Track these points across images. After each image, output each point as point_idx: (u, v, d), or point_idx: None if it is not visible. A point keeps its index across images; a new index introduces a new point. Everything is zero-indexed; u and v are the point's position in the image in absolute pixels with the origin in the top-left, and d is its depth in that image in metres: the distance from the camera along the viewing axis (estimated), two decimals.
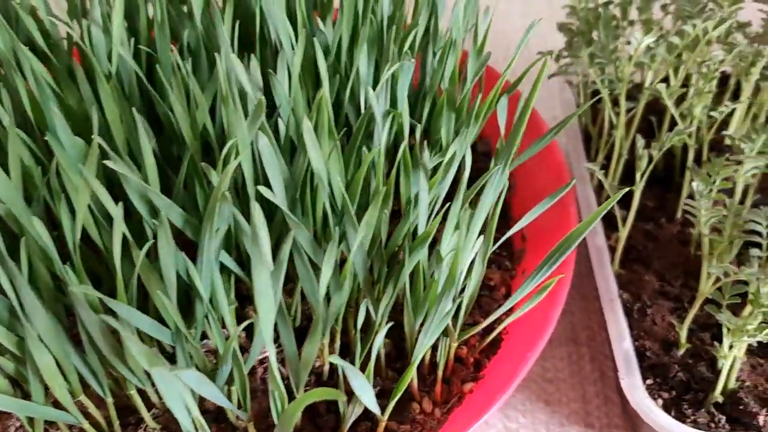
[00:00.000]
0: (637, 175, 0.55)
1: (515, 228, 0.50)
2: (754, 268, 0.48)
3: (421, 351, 0.43)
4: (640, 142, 0.55)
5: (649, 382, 0.52)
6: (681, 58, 0.59)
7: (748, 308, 0.48)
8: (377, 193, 0.42)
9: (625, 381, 0.51)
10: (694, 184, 0.52)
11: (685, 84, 0.63)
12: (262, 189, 0.40)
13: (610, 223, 0.61)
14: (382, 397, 0.48)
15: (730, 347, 0.48)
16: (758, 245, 0.50)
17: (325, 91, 0.41)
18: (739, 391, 0.51)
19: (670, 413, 0.50)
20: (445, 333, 0.48)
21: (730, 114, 0.63)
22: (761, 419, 0.49)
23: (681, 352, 0.54)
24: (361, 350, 0.46)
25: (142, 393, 0.47)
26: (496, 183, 0.45)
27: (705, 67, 0.56)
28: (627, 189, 0.49)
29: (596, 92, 0.73)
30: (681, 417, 0.50)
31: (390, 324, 0.43)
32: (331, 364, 0.49)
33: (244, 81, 0.41)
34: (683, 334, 0.53)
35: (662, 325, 0.56)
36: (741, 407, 0.50)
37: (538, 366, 0.64)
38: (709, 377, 0.52)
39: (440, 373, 0.48)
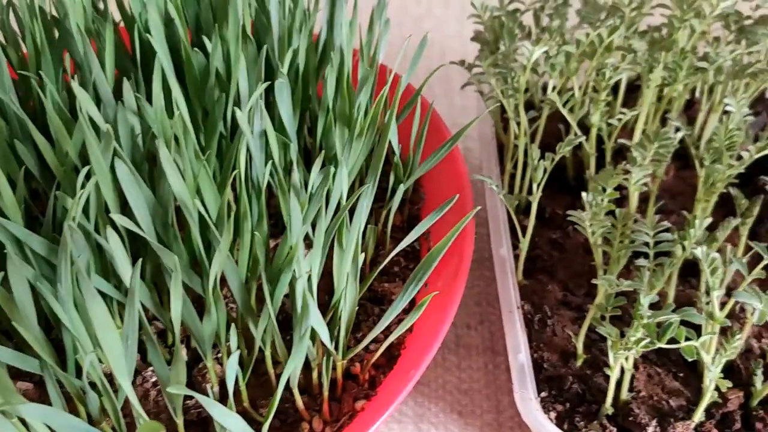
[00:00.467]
0: (534, 186, 0.55)
1: (403, 244, 0.50)
2: (642, 279, 0.48)
3: (286, 373, 0.42)
4: (536, 153, 0.55)
5: (544, 394, 0.52)
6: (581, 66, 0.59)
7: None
8: (244, 216, 0.42)
9: (518, 394, 0.51)
10: (584, 195, 0.51)
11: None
12: (116, 217, 0.39)
13: (516, 233, 0.61)
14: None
15: (615, 359, 0.48)
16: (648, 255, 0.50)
17: (184, 113, 0.41)
18: (631, 402, 0.51)
19: (562, 426, 0.50)
20: (328, 352, 0.47)
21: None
22: (650, 430, 0.49)
23: (579, 363, 0.54)
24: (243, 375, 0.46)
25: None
26: (368, 199, 0.44)
27: (601, 75, 0.56)
28: (515, 200, 0.48)
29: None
30: (573, 429, 0.50)
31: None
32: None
33: (92, 112, 0.41)
34: (580, 345, 0.53)
35: (562, 336, 0.55)
36: (631, 418, 0.50)
37: (455, 377, 0.64)
38: (605, 388, 0.52)
39: (326, 392, 0.48)
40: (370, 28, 0.58)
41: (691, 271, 0.58)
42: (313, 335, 0.45)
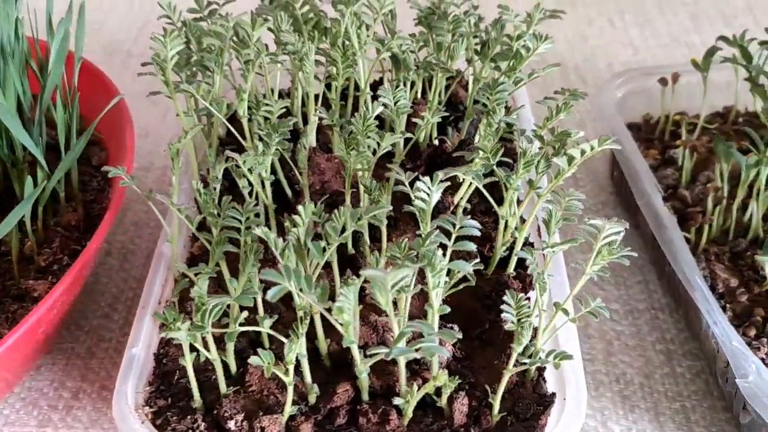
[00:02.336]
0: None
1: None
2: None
3: None
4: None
5: (150, 389, 0.51)
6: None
7: None
8: None
9: (116, 389, 0.50)
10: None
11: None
12: None
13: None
14: None
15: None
16: None
17: None
18: (230, 396, 0.49)
19: (155, 421, 0.49)
20: None
21: None
22: (231, 424, 0.47)
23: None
24: None
25: None
26: None
27: None
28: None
29: None
30: (165, 425, 0.49)
31: None
32: None
33: None
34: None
35: None
36: (215, 411, 0.48)
37: None
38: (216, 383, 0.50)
39: None
40: None
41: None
42: None
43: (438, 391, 0.49)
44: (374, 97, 0.56)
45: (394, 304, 0.46)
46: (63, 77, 0.60)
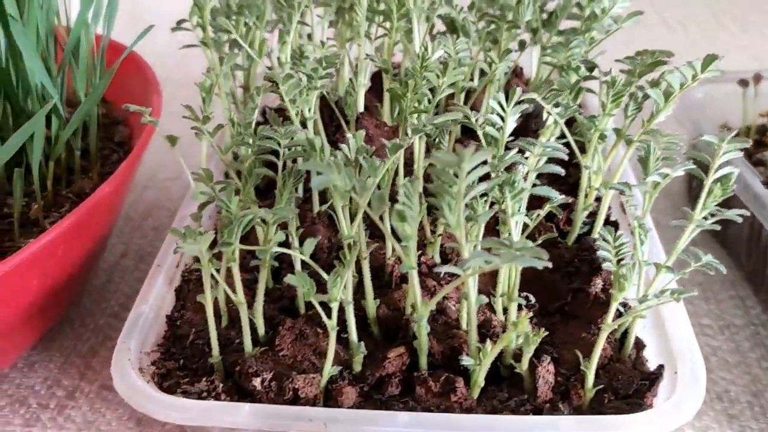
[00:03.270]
0: None
1: None
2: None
3: None
4: None
5: (157, 350, 0.42)
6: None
7: None
8: None
9: (118, 345, 0.40)
10: None
11: None
12: None
13: None
14: None
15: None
16: None
17: None
18: (257, 355, 0.40)
19: (162, 384, 0.39)
20: None
21: None
22: (257, 381, 0.37)
23: (224, 323, 0.43)
24: None
25: None
26: None
27: None
28: None
29: None
30: (175, 386, 0.39)
31: None
32: None
33: None
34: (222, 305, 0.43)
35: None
36: (238, 368, 0.38)
37: None
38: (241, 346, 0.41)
39: None
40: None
41: None
42: None
43: (517, 358, 0.39)
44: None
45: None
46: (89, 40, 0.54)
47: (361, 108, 0.55)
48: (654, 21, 1.12)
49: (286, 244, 0.40)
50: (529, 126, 0.56)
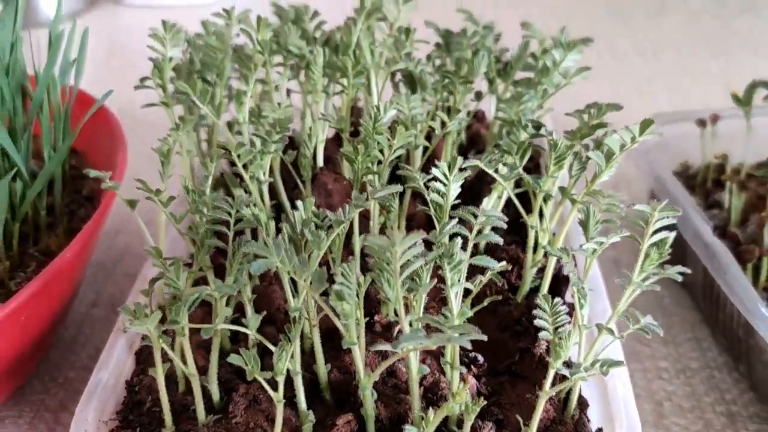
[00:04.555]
0: None
1: None
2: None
3: None
4: None
5: (116, 417, 0.43)
6: None
7: None
8: None
9: (76, 414, 0.42)
10: None
11: None
12: None
13: None
14: None
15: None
16: None
17: None
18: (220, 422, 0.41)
19: None
20: None
21: None
22: None
23: (180, 388, 0.44)
24: None
25: None
26: None
27: None
28: None
29: None
30: None
31: None
32: None
33: None
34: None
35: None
36: None
37: None
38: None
39: None
40: None
41: None
42: None
43: (460, 423, 0.40)
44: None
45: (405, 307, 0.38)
46: (56, 97, 0.56)
47: (321, 163, 0.56)
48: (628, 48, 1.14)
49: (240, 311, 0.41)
50: (484, 178, 0.58)
